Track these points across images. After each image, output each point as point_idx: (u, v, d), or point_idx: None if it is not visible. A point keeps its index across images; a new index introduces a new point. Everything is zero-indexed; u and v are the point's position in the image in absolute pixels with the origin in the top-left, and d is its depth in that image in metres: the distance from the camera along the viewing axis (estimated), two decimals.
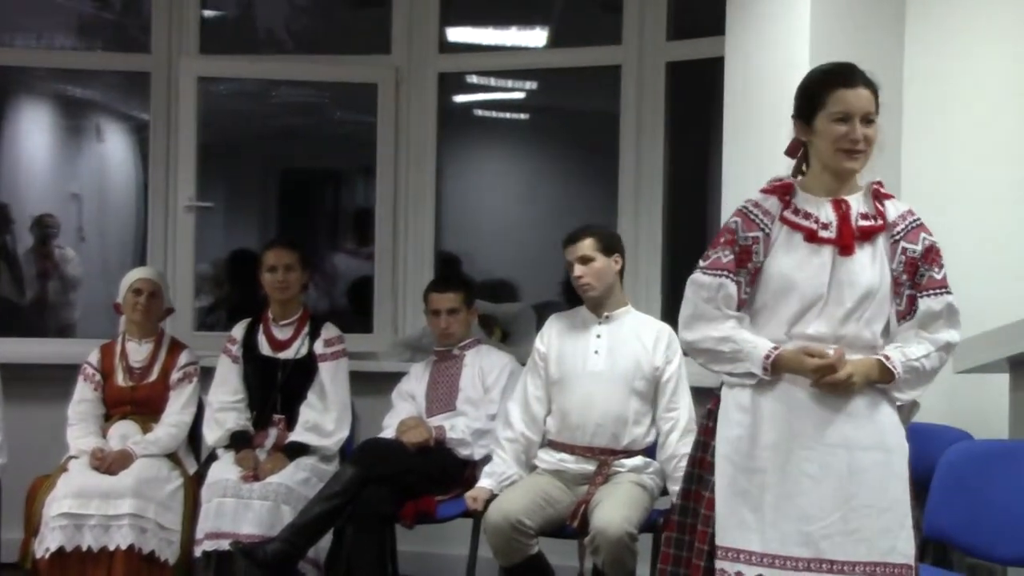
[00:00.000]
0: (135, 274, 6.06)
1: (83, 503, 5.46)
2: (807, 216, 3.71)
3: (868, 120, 3.68)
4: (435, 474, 5.60)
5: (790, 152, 3.86)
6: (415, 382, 5.96)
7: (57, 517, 5.43)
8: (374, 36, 7.13)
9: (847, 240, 3.68)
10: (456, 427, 5.67)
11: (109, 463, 5.61)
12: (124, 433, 5.81)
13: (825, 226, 3.69)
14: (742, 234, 3.72)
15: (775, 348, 3.65)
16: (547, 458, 5.27)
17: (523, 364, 5.67)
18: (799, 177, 3.82)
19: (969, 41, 5.23)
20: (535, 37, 7.42)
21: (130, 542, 5.45)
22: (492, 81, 7.65)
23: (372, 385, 6.31)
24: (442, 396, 5.85)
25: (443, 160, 7.14)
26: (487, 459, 5.56)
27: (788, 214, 3.73)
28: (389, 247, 7.04)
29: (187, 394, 5.94)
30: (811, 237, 3.69)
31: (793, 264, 3.69)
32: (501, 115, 8.15)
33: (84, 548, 5.43)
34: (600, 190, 6.92)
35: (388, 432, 5.74)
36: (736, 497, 3.63)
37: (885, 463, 3.67)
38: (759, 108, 5.28)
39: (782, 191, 3.75)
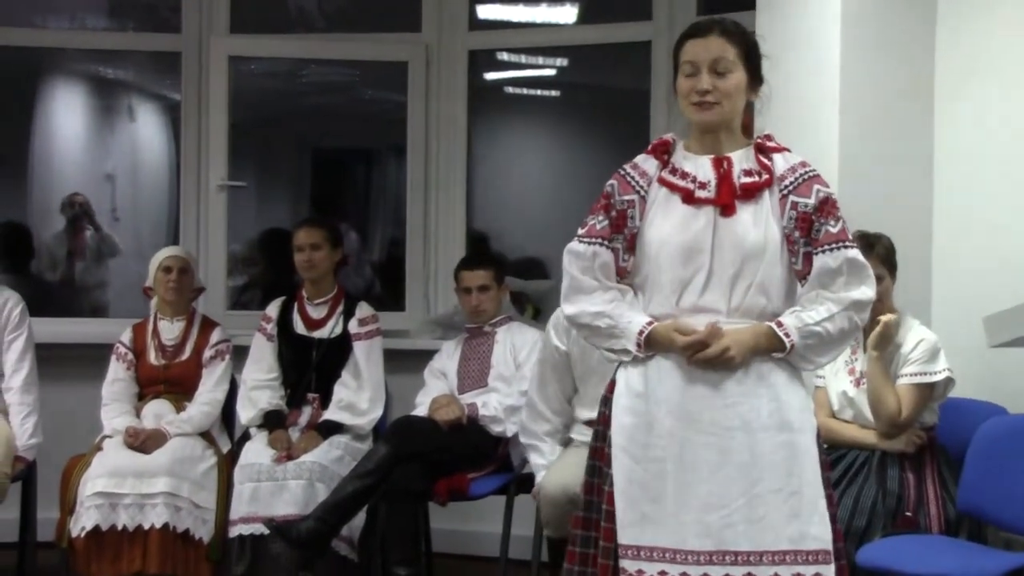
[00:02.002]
0: (163, 253, 6.09)
1: (118, 482, 5.48)
2: (684, 176, 3.47)
3: (719, 71, 3.45)
4: (468, 451, 5.60)
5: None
6: (447, 359, 5.96)
7: (92, 496, 5.45)
8: (404, 14, 7.12)
9: (727, 199, 3.42)
10: (488, 404, 5.67)
11: (143, 440, 5.63)
12: (158, 412, 5.83)
13: (703, 185, 3.45)
14: (618, 197, 3.50)
15: (649, 324, 3.42)
16: (587, 432, 5.24)
17: None
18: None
19: (1002, 14, 5.18)
20: (565, 13, 7.40)
21: (165, 521, 5.46)
22: (522, 58, 7.63)
23: (404, 363, 6.30)
24: (474, 373, 5.85)
25: (474, 137, 7.15)
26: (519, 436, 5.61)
27: (666, 174, 3.50)
28: (420, 225, 7.04)
29: (219, 372, 5.95)
30: (688, 198, 3.45)
31: (671, 228, 3.44)
32: (532, 92, 8.13)
33: (119, 527, 5.45)
34: None
35: (420, 410, 5.75)
36: (634, 490, 3.39)
37: (789, 444, 3.39)
38: (789, 82, 5.25)
39: (660, 150, 3.54)
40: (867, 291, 3.46)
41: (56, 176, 7.72)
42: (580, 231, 3.55)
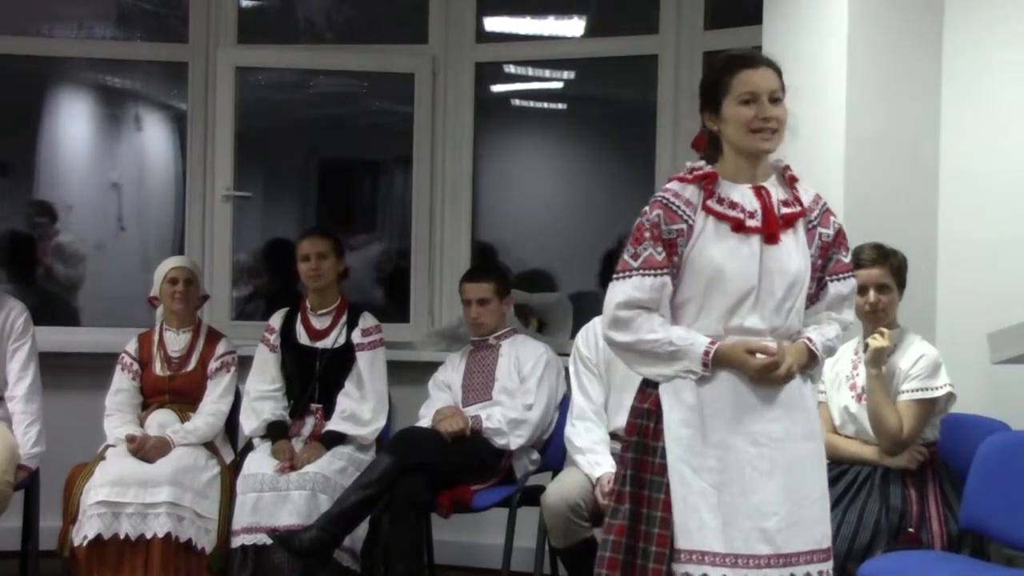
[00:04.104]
0: (168, 264, 6.08)
1: (120, 491, 5.49)
2: (733, 205, 3.66)
3: (775, 99, 3.65)
4: (471, 463, 5.60)
5: (696, 145, 3.82)
6: (451, 372, 5.96)
7: (95, 505, 5.46)
8: (411, 25, 7.14)
9: (773, 228, 3.65)
10: (492, 416, 5.66)
11: (145, 447, 5.63)
12: (162, 422, 5.83)
13: (751, 214, 3.66)
14: (666, 227, 3.63)
15: (712, 343, 3.62)
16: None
17: (560, 354, 5.68)
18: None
19: (1008, 13, 5.18)
20: (572, 26, 7.40)
21: (167, 530, 5.47)
22: (529, 71, 7.63)
23: (408, 375, 6.31)
24: (478, 386, 5.85)
25: (480, 150, 7.15)
26: (523, 449, 5.62)
27: (712, 203, 3.66)
28: (426, 237, 7.05)
29: (225, 383, 5.96)
30: (739, 227, 3.64)
31: (723, 255, 3.63)
32: (538, 104, 8.12)
33: (122, 536, 5.45)
34: (637, 180, 6.91)
35: (424, 422, 5.75)
36: (693, 498, 3.59)
37: (816, 451, 3.74)
38: (797, 97, 5.25)
39: (706, 180, 3.68)
40: (853, 314, 3.91)
41: (62, 185, 7.72)
42: (635, 263, 3.63)
